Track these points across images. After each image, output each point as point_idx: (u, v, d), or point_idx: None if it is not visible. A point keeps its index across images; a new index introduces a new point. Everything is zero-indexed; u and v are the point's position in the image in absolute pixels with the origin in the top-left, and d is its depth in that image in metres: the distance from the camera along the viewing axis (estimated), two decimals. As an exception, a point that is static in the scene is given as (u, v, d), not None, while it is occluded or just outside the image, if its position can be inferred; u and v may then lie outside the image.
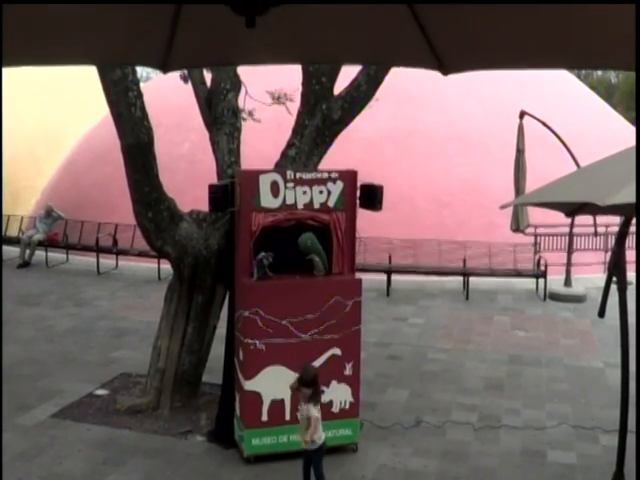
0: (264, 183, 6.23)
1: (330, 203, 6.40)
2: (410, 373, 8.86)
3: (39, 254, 15.10)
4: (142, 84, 7.90)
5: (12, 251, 15.28)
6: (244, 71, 7.89)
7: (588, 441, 6.96)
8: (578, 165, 11.02)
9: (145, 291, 12.83)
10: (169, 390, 7.45)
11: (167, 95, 14.61)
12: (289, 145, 7.62)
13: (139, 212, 7.37)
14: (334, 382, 6.39)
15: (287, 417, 6.31)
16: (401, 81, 11.67)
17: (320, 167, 7.51)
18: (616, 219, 9.42)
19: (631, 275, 6.66)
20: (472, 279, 12.95)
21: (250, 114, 9.20)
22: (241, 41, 2.51)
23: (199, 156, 13.68)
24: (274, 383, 6.21)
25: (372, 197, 6.46)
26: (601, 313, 5.93)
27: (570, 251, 13.18)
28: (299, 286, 6.38)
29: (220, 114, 7.60)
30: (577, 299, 12.46)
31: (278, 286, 6.30)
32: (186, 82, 8.45)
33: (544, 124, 12.51)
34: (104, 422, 7.20)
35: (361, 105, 7.74)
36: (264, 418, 6.32)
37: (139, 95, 7.07)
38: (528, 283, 13.23)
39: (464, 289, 12.82)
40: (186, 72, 8.21)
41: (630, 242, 7.08)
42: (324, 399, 5.92)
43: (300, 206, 6.33)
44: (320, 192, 6.36)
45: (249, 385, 6.29)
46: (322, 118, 7.54)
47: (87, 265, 14.66)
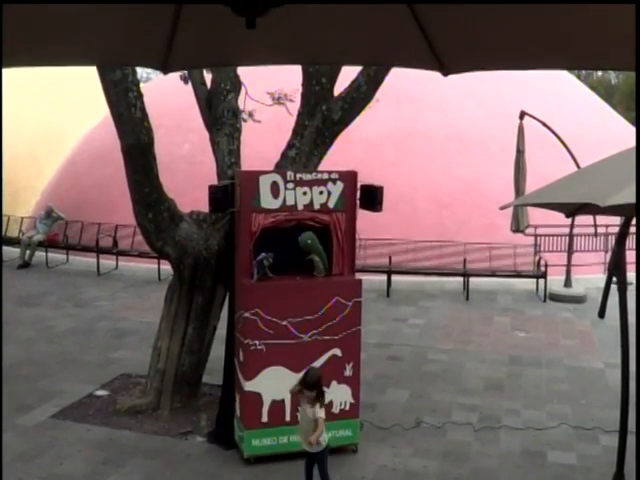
0: (264, 184, 6.22)
1: (330, 204, 6.40)
2: (410, 374, 8.86)
3: (39, 255, 15.10)
4: (142, 85, 7.90)
5: (12, 252, 15.28)
6: (244, 72, 7.89)
7: (588, 442, 6.96)
8: (578, 166, 11.01)
9: (145, 292, 12.82)
10: (169, 391, 7.44)
11: (167, 96, 14.62)
12: (289, 146, 7.62)
13: (139, 213, 7.38)
14: (334, 383, 6.38)
15: (287, 418, 6.31)
16: (401, 82, 11.69)
17: (320, 168, 7.51)
18: (616, 219, 9.41)
19: (631, 275, 6.65)
20: (472, 280, 12.95)
21: (250, 115, 9.19)
22: (241, 42, 2.51)
23: (199, 157, 13.67)
24: (274, 384, 6.20)
25: (372, 198, 6.46)
26: (601, 313, 5.93)
27: (570, 252, 13.17)
28: (299, 287, 6.37)
29: (220, 115, 7.60)
30: (577, 300, 12.45)
31: (278, 287, 6.30)
32: (186, 83, 8.45)
33: (544, 125, 12.51)
34: (104, 423, 7.20)
35: (361, 106, 7.73)
36: (264, 419, 6.32)
37: (139, 96, 7.07)
38: (528, 284, 13.22)
39: (464, 290, 12.81)
40: (186, 73, 8.21)
41: (630, 242, 7.07)
42: (324, 400, 5.93)
43: (300, 207, 6.33)
44: (320, 193, 6.36)
45: (249, 386, 6.29)
46: (322, 119, 7.54)
47: (87, 266, 14.65)
